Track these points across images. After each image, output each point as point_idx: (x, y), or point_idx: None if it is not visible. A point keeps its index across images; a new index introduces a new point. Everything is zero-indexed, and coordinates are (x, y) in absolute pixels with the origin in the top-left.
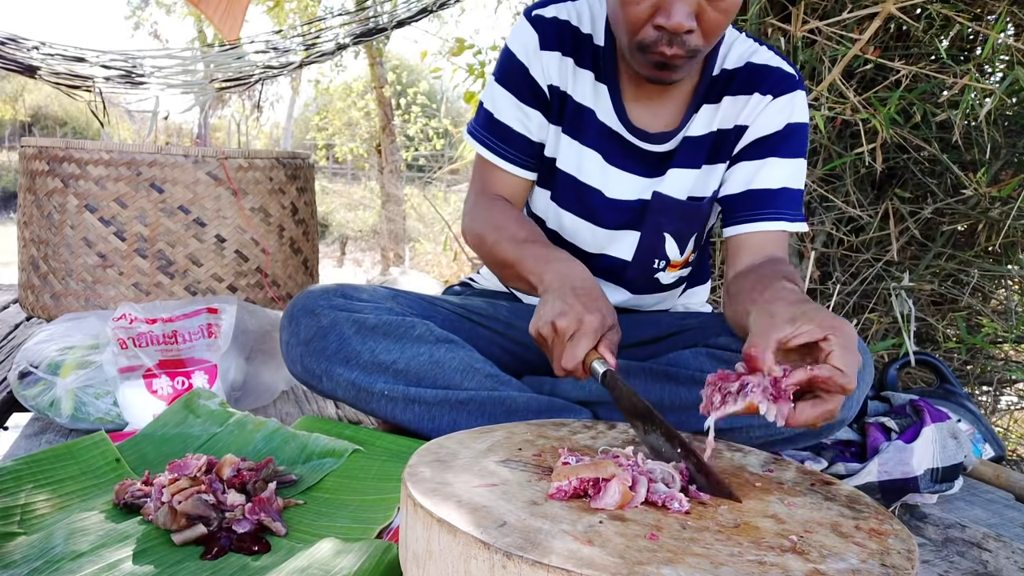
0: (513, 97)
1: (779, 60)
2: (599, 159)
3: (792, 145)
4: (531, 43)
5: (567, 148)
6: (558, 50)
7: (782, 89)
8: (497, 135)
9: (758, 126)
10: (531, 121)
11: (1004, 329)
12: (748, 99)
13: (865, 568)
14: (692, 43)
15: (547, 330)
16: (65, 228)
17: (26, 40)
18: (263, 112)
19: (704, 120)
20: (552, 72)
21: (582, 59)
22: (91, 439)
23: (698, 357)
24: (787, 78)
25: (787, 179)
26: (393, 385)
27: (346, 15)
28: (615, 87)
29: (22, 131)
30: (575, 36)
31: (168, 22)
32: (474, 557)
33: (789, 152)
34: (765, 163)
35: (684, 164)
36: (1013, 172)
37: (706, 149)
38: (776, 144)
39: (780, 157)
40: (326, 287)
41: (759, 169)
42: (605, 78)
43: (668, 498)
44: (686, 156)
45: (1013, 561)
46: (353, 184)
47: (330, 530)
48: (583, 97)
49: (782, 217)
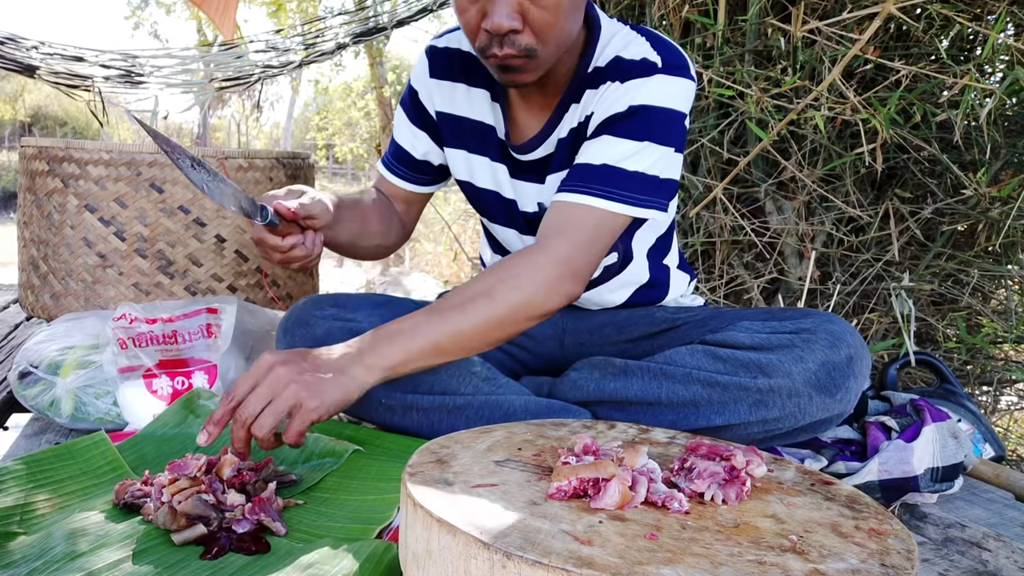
0: (406, 118)
1: (652, 53)
2: (506, 173)
3: (632, 127)
4: (422, 72)
5: (480, 167)
6: (447, 79)
7: (635, 74)
8: (393, 154)
9: (601, 110)
10: (418, 142)
11: (1004, 329)
12: (604, 88)
13: (865, 568)
14: (523, 42)
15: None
16: (65, 228)
17: (25, 39)
18: (263, 112)
19: (570, 119)
20: (437, 99)
21: (476, 80)
22: (91, 439)
23: (694, 355)
24: (646, 65)
25: (617, 158)
26: (390, 393)
27: (346, 15)
28: (505, 103)
29: (22, 131)
30: (463, 61)
31: (168, 22)
32: (474, 557)
33: (628, 133)
34: (597, 141)
35: (559, 167)
36: (1013, 172)
37: (574, 148)
38: (612, 125)
39: (615, 136)
40: (319, 297)
41: (589, 147)
42: (497, 96)
43: (668, 498)
44: (561, 159)
45: (1013, 561)
46: (353, 184)
47: (330, 530)
48: (483, 115)
49: (588, 191)
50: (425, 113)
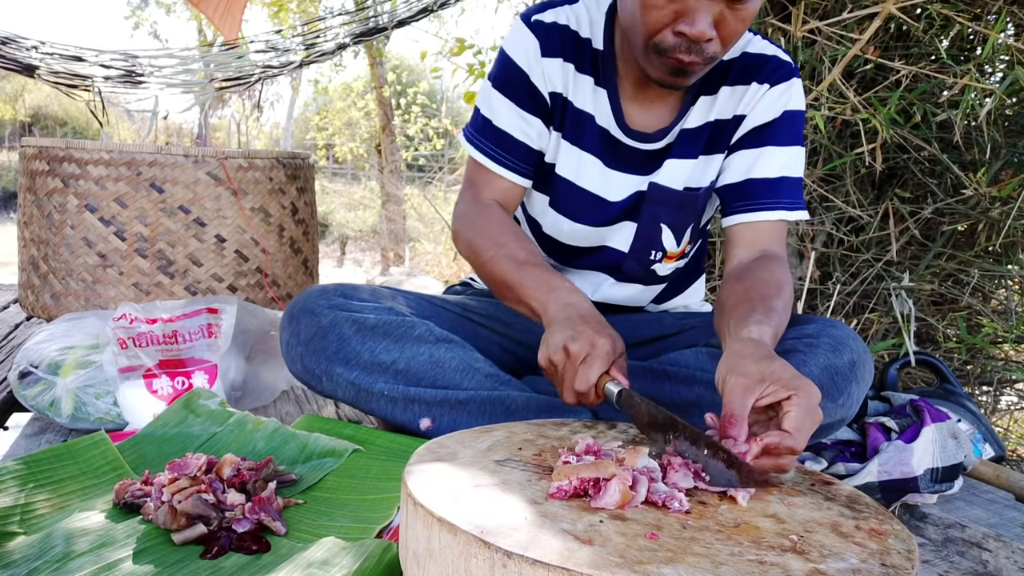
0: (513, 104)
1: (774, 49)
2: (599, 164)
3: (789, 133)
4: (532, 49)
5: (567, 154)
6: (560, 56)
7: (778, 77)
8: (496, 142)
9: (755, 115)
10: (531, 128)
11: (1004, 329)
12: (746, 89)
13: (865, 568)
14: (710, 51)
15: (559, 356)
16: (65, 228)
17: (25, 39)
18: (263, 112)
19: (701, 111)
20: (555, 78)
21: (582, 64)
22: (91, 439)
23: (699, 356)
24: (783, 66)
25: (784, 167)
26: (393, 385)
27: (346, 15)
28: (614, 91)
29: (22, 131)
30: (575, 41)
31: (168, 22)
32: (474, 556)
33: (786, 140)
34: (763, 152)
35: (680, 155)
36: (1013, 172)
37: (703, 140)
38: (773, 132)
39: (777, 145)
40: (326, 287)
41: (757, 158)
42: (604, 82)
43: (668, 498)
44: (682, 147)
45: (1013, 561)
46: (353, 184)
47: (330, 530)
48: (583, 103)
49: (780, 206)
50: (539, 95)
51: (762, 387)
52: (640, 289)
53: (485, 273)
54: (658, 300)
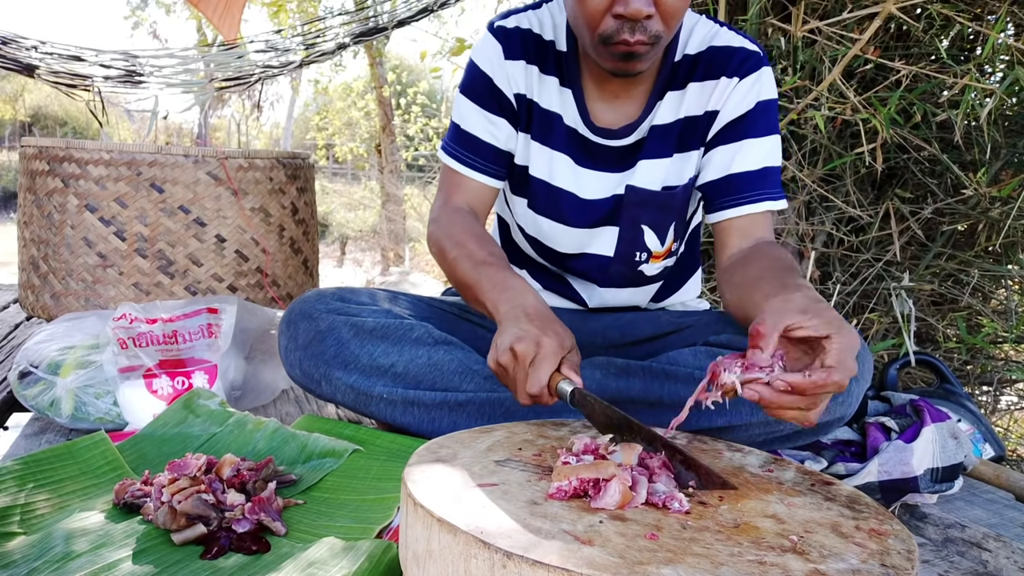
0: (479, 107)
1: (741, 40)
2: (569, 162)
3: (764, 122)
4: (495, 54)
5: (538, 154)
6: (522, 59)
7: (747, 69)
8: (465, 146)
9: (728, 109)
10: (499, 130)
11: (1004, 329)
12: (716, 84)
13: (865, 568)
14: (653, 29)
15: (506, 358)
16: (65, 228)
17: (25, 39)
18: (263, 112)
19: (670, 107)
20: (519, 80)
21: (546, 66)
22: (91, 439)
23: (697, 355)
24: (751, 57)
25: (766, 158)
26: (392, 388)
27: (346, 15)
28: (579, 90)
29: (22, 131)
30: (538, 43)
31: (168, 22)
32: (474, 556)
33: (763, 130)
34: (742, 145)
35: (654, 154)
36: (1013, 172)
37: (675, 137)
38: (749, 124)
39: (755, 137)
40: (323, 291)
41: (736, 152)
42: (569, 83)
43: (668, 498)
44: (655, 146)
45: (1013, 561)
46: (353, 184)
47: (330, 530)
48: (549, 103)
49: (765, 197)
50: (504, 98)
51: (803, 317)
52: (633, 291)
53: (449, 273)
54: (656, 299)
